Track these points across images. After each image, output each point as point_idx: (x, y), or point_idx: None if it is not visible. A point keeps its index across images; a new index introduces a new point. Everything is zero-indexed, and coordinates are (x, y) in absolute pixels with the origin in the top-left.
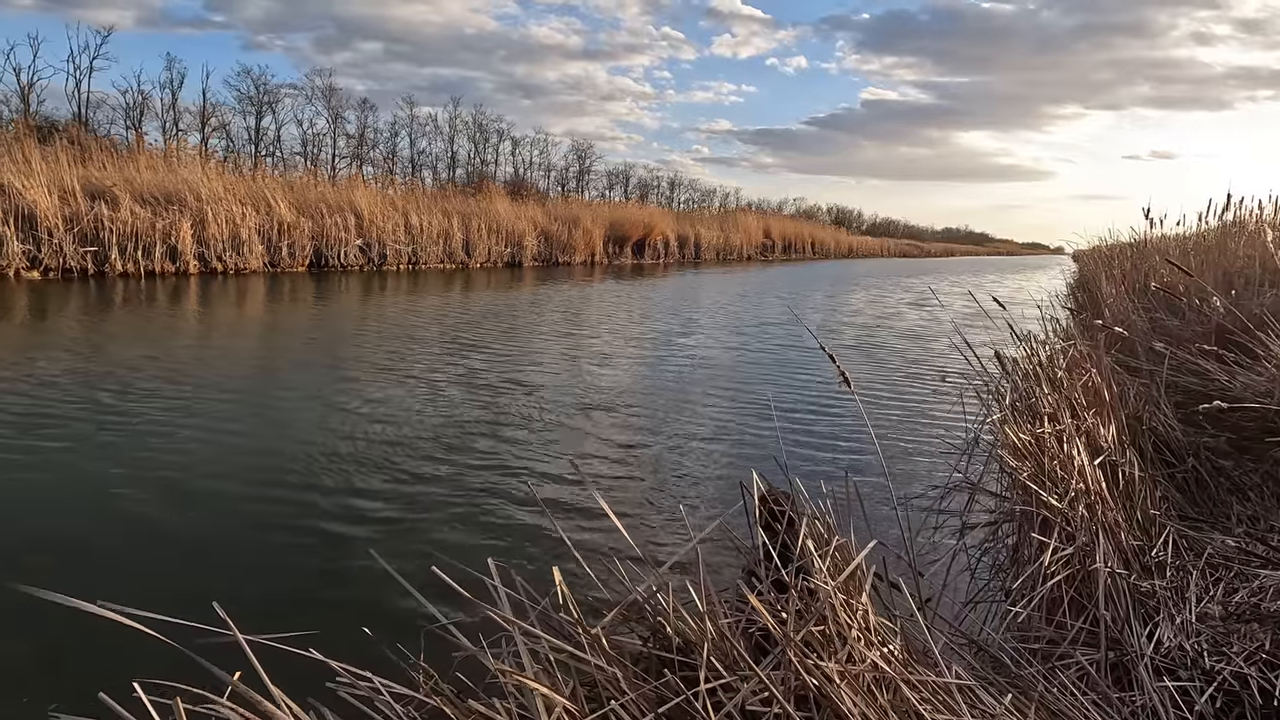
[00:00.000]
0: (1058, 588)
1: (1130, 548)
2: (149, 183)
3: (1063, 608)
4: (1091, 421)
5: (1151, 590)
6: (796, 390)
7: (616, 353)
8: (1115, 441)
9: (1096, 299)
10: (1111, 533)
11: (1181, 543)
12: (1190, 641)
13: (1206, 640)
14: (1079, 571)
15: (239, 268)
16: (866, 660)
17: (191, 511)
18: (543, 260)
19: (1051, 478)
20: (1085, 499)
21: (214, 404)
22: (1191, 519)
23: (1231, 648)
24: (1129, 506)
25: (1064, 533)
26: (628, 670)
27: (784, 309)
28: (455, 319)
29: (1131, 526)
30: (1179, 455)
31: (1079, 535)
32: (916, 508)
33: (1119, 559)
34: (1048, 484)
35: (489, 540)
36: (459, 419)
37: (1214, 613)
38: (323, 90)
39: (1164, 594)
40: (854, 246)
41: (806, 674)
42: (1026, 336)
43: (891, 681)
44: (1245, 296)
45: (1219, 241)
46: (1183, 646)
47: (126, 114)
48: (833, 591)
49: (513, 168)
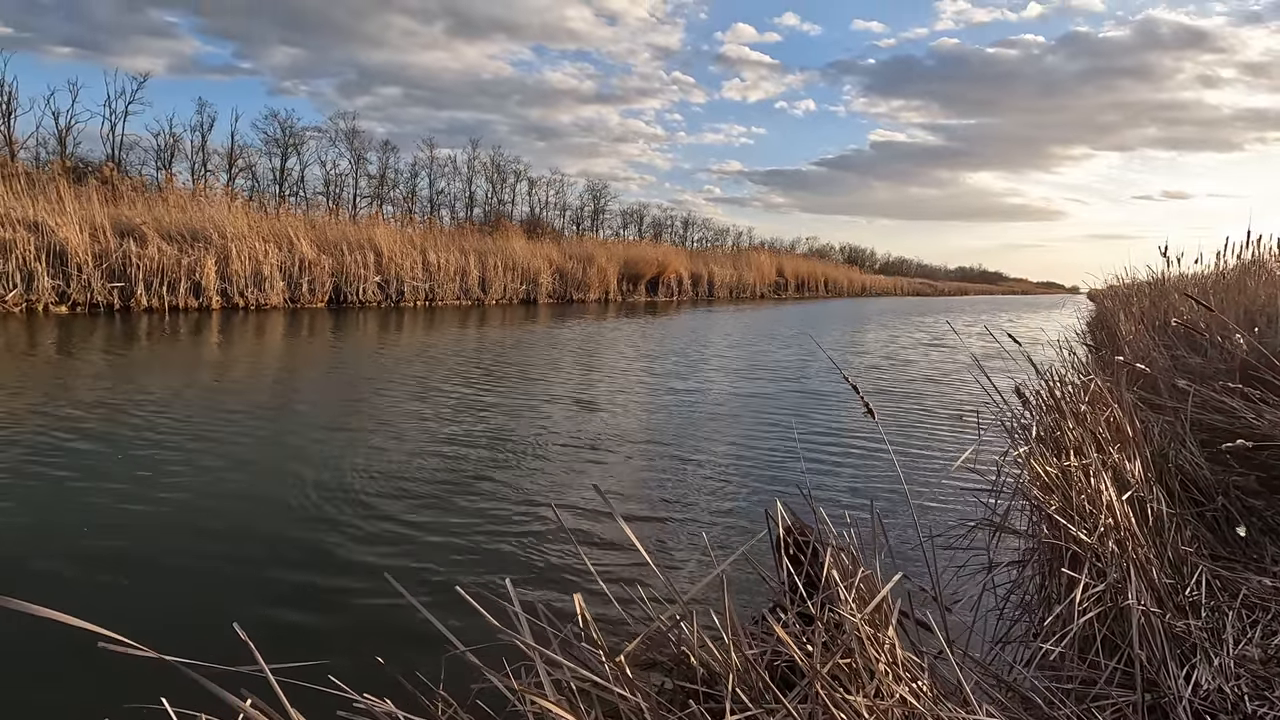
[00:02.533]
0: (1089, 626)
1: (1163, 586)
2: (176, 221)
3: (1095, 646)
4: (1117, 457)
5: (1187, 630)
6: (819, 424)
7: (634, 386)
8: (1141, 477)
9: (1115, 336)
10: (1143, 570)
11: (1215, 583)
12: (1230, 685)
13: (1247, 684)
14: (1111, 609)
15: (260, 303)
16: (895, 695)
17: (204, 539)
18: (558, 297)
19: (1080, 512)
20: (1115, 534)
21: (229, 432)
22: (1224, 558)
23: (1274, 692)
24: (1159, 544)
25: (1095, 569)
26: (651, 700)
27: (801, 345)
28: (470, 354)
29: (1163, 564)
30: (1208, 494)
31: (1110, 571)
32: (942, 542)
33: (1152, 597)
34: (1076, 518)
35: (509, 568)
36: (476, 448)
37: (1253, 655)
38: (346, 133)
39: (1200, 635)
40: (867, 285)
41: (835, 708)
42: (1048, 371)
43: (921, 718)
44: (1269, 334)
45: (1239, 280)
46: (1222, 689)
47: (158, 155)
48: (860, 624)
49: (529, 207)
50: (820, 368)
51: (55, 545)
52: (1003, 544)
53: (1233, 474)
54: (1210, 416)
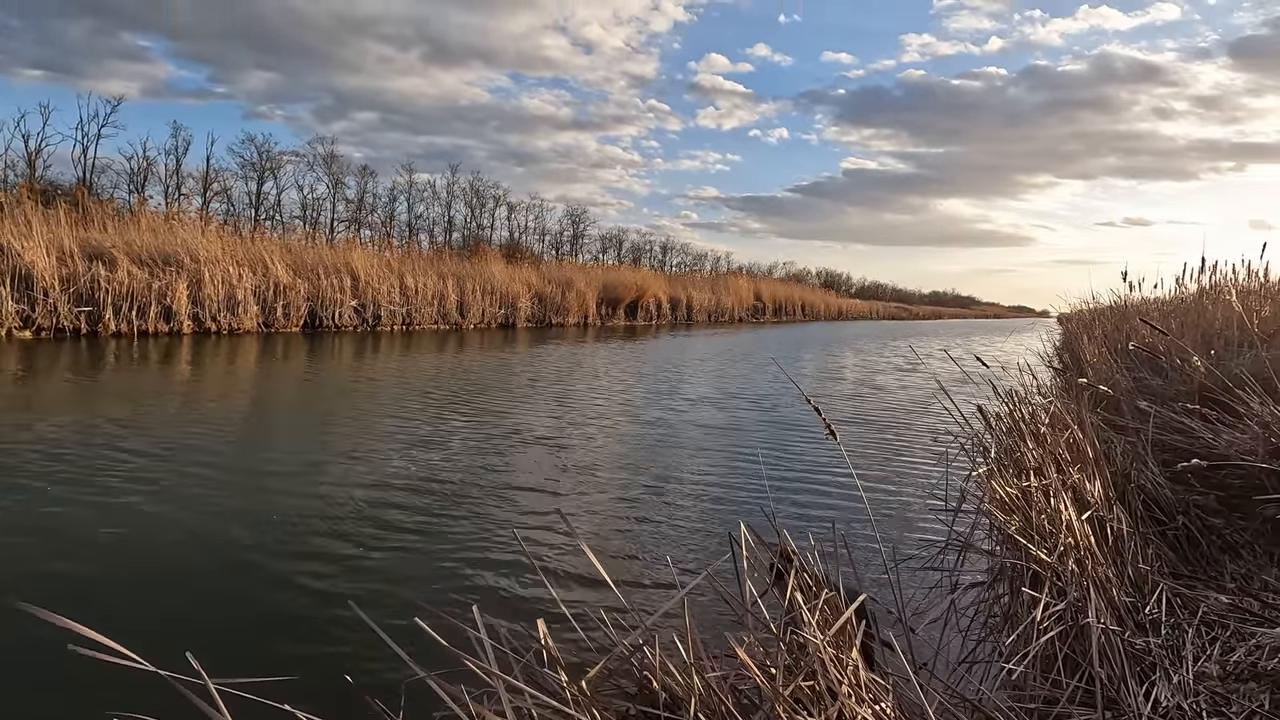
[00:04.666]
0: (1051, 645)
1: (1123, 604)
2: (148, 244)
3: (1057, 665)
4: (1077, 477)
5: (1146, 648)
6: (789, 449)
7: (606, 413)
8: (1102, 497)
9: (1080, 359)
10: (1103, 588)
11: (1175, 600)
12: (1189, 701)
13: (1205, 700)
14: (1072, 628)
15: (233, 327)
16: (857, 717)
17: (169, 563)
18: (536, 321)
19: (1040, 532)
20: (1075, 554)
21: (192, 460)
22: (1185, 577)
23: (1231, 708)
24: (1119, 563)
25: (1055, 588)
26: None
27: (774, 369)
28: (443, 380)
29: (1123, 583)
30: (1169, 513)
31: (1070, 590)
32: (907, 564)
33: (1112, 616)
34: (1036, 538)
35: (473, 593)
36: (445, 476)
37: (1211, 672)
38: (324, 157)
39: (1159, 652)
40: (843, 309)
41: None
42: (1009, 393)
43: None
44: (1225, 357)
45: (1197, 304)
46: (1181, 706)
47: (130, 179)
48: (822, 646)
49: (508, 232)
50: (793, 393)
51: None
52: (968, 565)
53: (1193, 493)
54: (1171, 437)
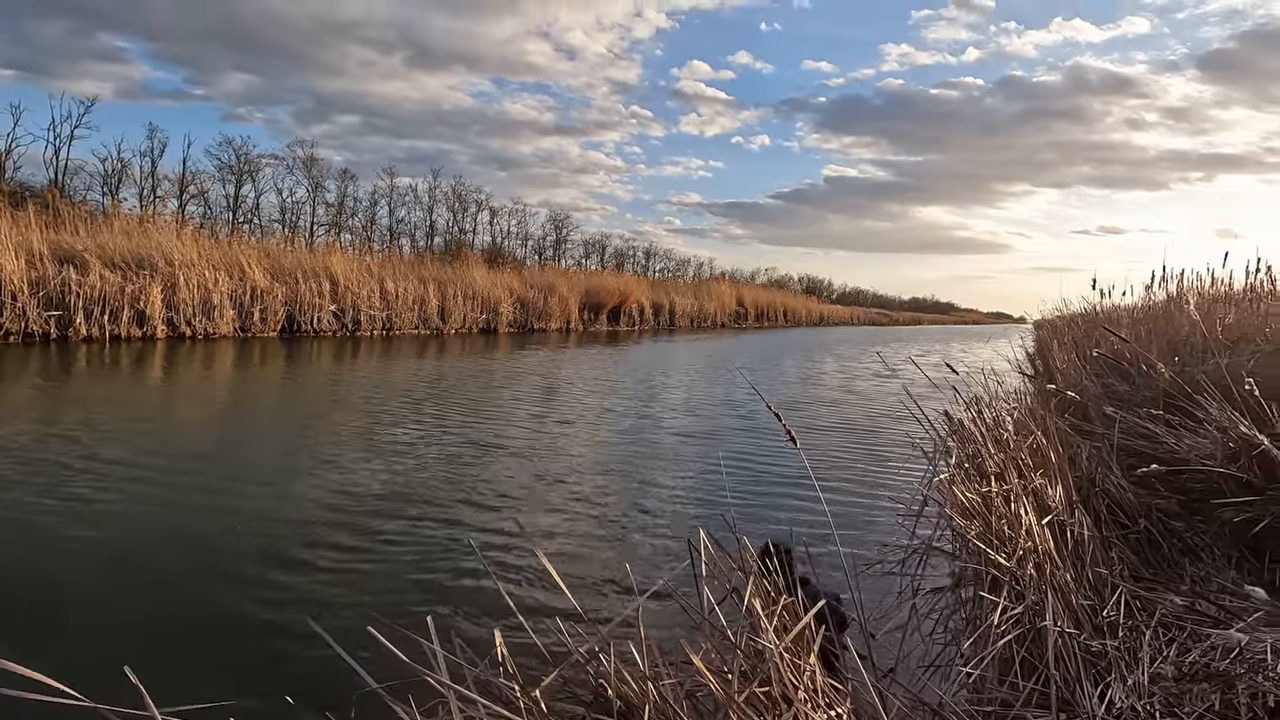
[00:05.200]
0: (1009, 648)
1: (1081, 607)
2: (121, 247)
3: (1015, 668)
4: (1039, 482)
5: (1103, 650)
6: (757, 454)
7: (579, 419)
8: (1064, 502)
9: (1050, 365)
10: (1061, 592)
11: (1134, 603)
12: (1142, 702)
13: (1159, 701)
14: (1029, 631)
15: (208, 332)
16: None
17: (119, 580)
18: (518, 326)
19: (1000, 537)
20: (1034, 558)
21: (155, 469)
22: (1145, 579)
23: (1184, 708)
24: (1079, 566)
25: (1013, 592)
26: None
27: (751, 375)
28: (420, 387)
29: (1082, 586)
30: (1131, 516)
31: (1028, 594)
32: (873, 569)
33: (1069, 619)
34: (995, 543)
35: (432, 602)
36: (411, 485)
37: (1166, 673)
38: (303, 160)
39: (1116, 654)
40: (825, 315)
41: None
42: (974, 400)
43: None
44: (1190, 363)
45: (1165, 312)
46: (1135, 708)
47: (104, 181)
48: (778, 652)
49: (491, 237)
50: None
51: None
52: (933, 569)
53: (1156, 497)
54: (1136, 442)
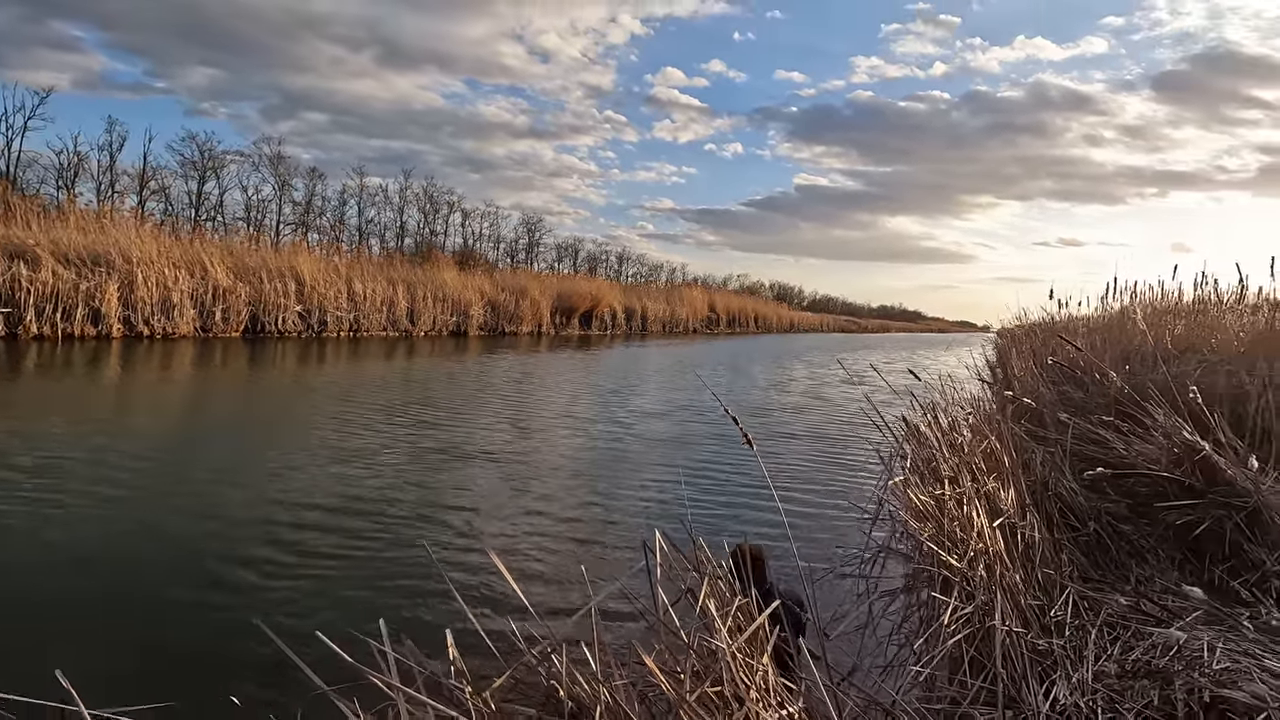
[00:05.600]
0: (959, 647)
1: (1030, 607)
2: (76, 243)
3: (964, 667)
4: (992, 485)
5: (1049, 649)
6: (718, 459)
7: (539, 424)
8: (1016, 504)
9: (1009, 373)
10: (1010, 592)
11: (1082, 603)
12: (1085, 699)
13: (1101, 698)
14: (978, 631)
15: (168, 332)
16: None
17: (62, 585)
18: (489, 329)
19: (951, 539)
20: (985, 559)
21: (102, 473)
22: (1094, 580)
23: (1125, 704)
24: (1029, 567)
25: (964, 592)
26: None
27: (719, 381)
28: (384, 389)
29: (1031, 587)
30: (1082, 519)
31: (978, 594)
32: (829, 572)
33: (1018, 618)
34: (948, 545)
35: (385, 605)
36: (369, 490)
37: (1110, 670)
38: (270, 158)
39: (1061, 653)
40: (795, 321)
41: None
42: (931, 405)
43: None
44: (1141, 372)
45: (1118, 322)
46: (1078, 704)
47: (60, 174)
48: (730, 651)
49: (462, 239)
50: (733, 405)
51: None
52: (888, 571)
53: (1106, 500)
54: (1088, 447)
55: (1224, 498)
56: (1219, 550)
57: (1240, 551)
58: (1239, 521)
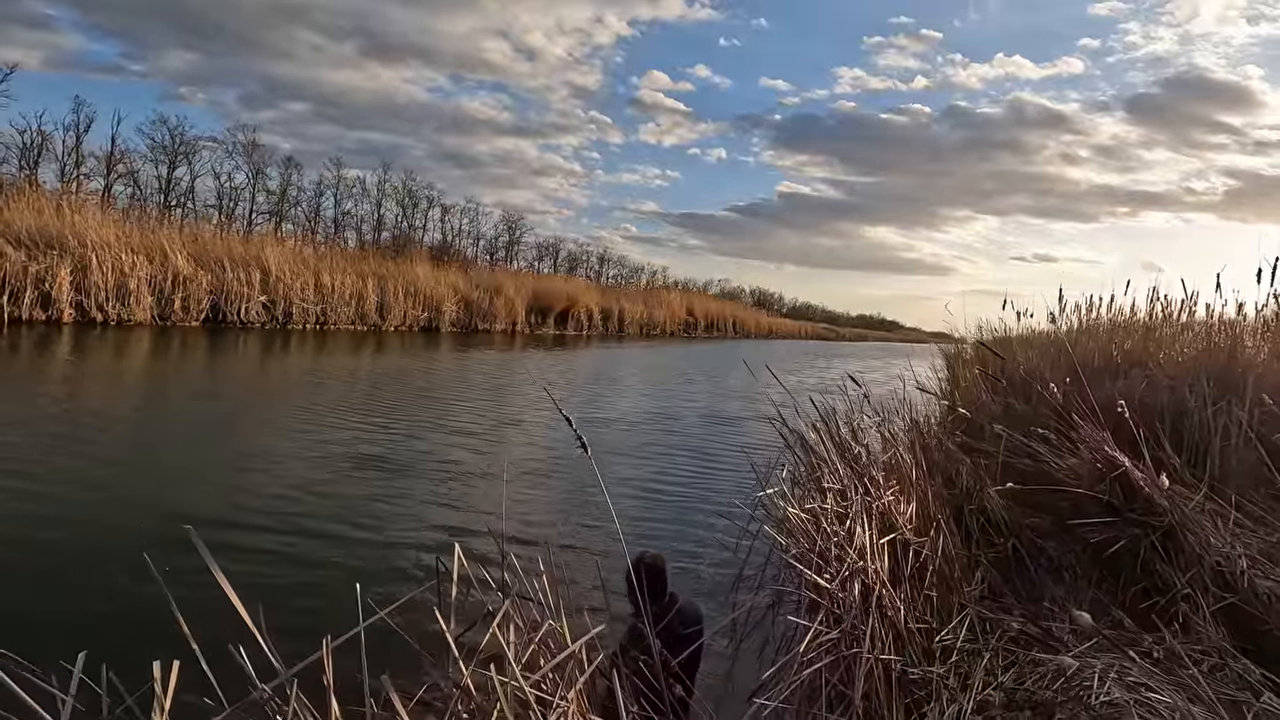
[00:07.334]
0: (817, 676)
1: (914, 631)
2: (29, 225)
3: (821, 700)
4: (889, 499)
5: (926, 678)
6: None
7: (437, 430)
8: (917, 519)
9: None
10: (889, 616)
11: (982, 625)
12: None
13: None
14: (842, 659)
15: (123, 319)
16: None
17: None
18: (462, 327)
19: (824, 556)
20: (861, 579)
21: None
22: (1003, 599)
23: None
24: (918, 587)
25: (831, 616)
26: None
27: (676, 385)
28: (328, 387)
29: (916, 608)
30: (1002, 534)
31: (846, 618)
32: (694, 590)
33: (894, 644)
34: (818, 563)
35: (85, 632)
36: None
37: (995, 700)
38: (244, 145)
39: (940, 681)
40: (774, 328)
41: None
42: (830, 413)
43: None
44: (1094, 385)
45: (1077, 337)
46: None
47: (22, 154)
48: (505, 690)
49: (441, 234)
50: (633, 416)
51: None
52: (762, 590)
53: (1033, 516)
54: (1021, 461)
55: (1141, 515)
56: (1133, 570)
57: (1153, 572)
58: (1154, 541)
